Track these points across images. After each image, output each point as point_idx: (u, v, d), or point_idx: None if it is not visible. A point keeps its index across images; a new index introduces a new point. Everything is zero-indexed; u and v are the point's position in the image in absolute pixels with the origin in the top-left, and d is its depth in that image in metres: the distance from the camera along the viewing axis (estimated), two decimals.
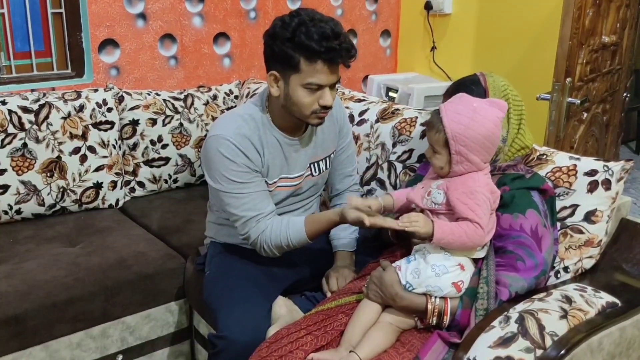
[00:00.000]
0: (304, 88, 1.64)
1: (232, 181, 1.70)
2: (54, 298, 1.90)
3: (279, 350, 1.48)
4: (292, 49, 1.60)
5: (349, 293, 1.65)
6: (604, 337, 1.38)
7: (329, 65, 1.61)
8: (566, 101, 2.22)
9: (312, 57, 1.59)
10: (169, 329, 2.17)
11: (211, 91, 2.82)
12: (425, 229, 1.45)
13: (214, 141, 1.71)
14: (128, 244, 2.20)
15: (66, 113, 2.38)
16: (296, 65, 1.61)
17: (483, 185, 1.47)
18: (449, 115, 1.47)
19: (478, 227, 1.43)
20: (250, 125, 1.74)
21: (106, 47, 2.69)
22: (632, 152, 5.26)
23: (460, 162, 1.47)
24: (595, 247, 1.63)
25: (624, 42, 2.81)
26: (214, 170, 1.72)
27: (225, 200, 1.73)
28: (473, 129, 1.45)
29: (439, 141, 1.49)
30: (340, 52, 1.60)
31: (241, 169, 1.70)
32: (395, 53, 3.73)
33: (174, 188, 2.71)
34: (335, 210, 1.70)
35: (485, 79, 1.63)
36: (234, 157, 1.69)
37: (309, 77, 1.62)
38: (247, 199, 1.71)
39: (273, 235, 1.71)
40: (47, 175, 2.34)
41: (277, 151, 1.78)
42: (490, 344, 1.32)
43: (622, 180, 1.64)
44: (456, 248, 1.47)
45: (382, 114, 2.20)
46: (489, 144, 1.47)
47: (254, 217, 1.72)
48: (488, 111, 1.47)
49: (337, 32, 1.60)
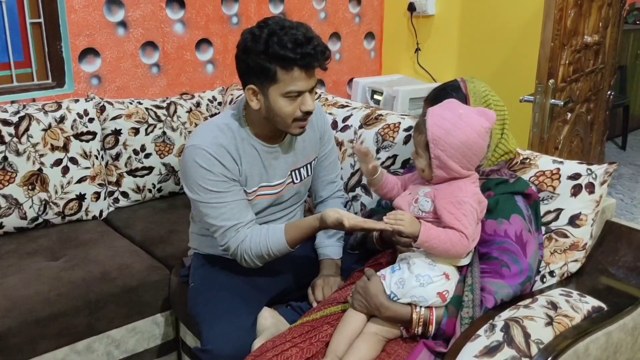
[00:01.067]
0: (285, 97, 1.63)
1: (209, 191, 1.68)
2: (36, 314, 1.88)
3: None
4: (267, 61, 1.59)
5: (334, 303, 1.63)
6: (590, 343, 1.38)
7: (306, 70, 1.61)
8: (549, 103, 2.22)
9: (288, 65, 1.58)
10: (156, 342, 2.15)
11: (194, 98, 2.80)
12: (410, 229, 1.43)
13: (191, 151, 1.69)
14: (112, 256, 2.18)
15: (47, 124, 2.35)
16: (273, 76, 1.60)
17: (470, 195, 1.46)
18: (434, 118, 1.46)
19: (463, 237, 1.42)
20: (227, 134, 1.72)
21: (87, 56, 2.66)
22: (618, 148, 5.29)
23: (439, 167, 1.46)
24: (580, 251, 1.63)
25: (606, 40, 2.81)
26: (191, 180, 1.70)
27: (204, 210, 1.72)
28: (453, 135, 1.44)
29: (421, 143, 1.49)
30: (316, 56, 1.60)
31: (218, 178, 1.68)
32: (380, 55, 3.72)
33: (158, 197, 2.69)
34: (315, 215, 1.68)
35: (466, 84, 1.62)
36: (210, 166, 1.67)
37: (288, 85, 1.61)
38: (225, 208, 1.70)
39: (253, 244, 1.69)
40: (29, 188, 2.31)
41: (255, 160, 1.76)
42: (476, 353, 1.31)
43: (606, 183, 1.63)
44: (438, 254, 1.45)
45: (365, 120, 2.19)
46: (470, 152, 1.46)
47: (233, 226, 1.70)
48: (473, 120, 1.45)
49: (310, 37, 1.59)
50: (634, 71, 5.49)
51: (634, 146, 5.42)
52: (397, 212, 1.47)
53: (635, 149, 5.37)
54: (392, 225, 1.44)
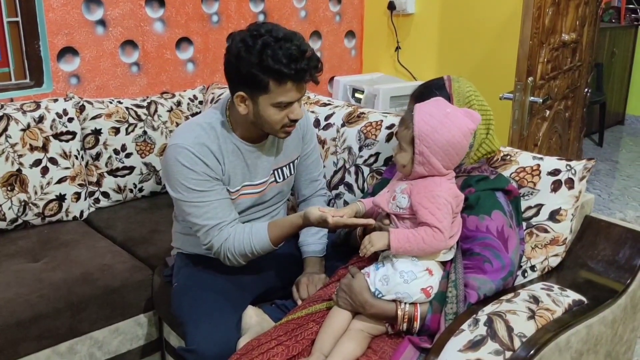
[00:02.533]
0: (274, 107, 1.64)
1: (192, 190, 1.68)
2: (17, 316, 1.85)
3: None
4: (261, 72, 1.58)
5: (319, 301, 1.64)
6: (571, 336, 1.40)
7: (298, 83, 1.62)
8: (528, 100, 2.25)
9: (281, 79, 1.59)
10: (139, 342, 2.14)
11: (175, 97, 2.78)
12: (380, 244, 1.46)
13: (173, 150, 1.69)
14: (93, 257, 2.16)
15: (25, 124, 2.32)
16: (265, 87, 1.60)
17: (445, 190, 1.48)
18: (421, 115, 1.48)
19: (437, 231, 1.44)
20: (209, 134, 1.72)
21: (65, 55, 2.63)
22: (595, 144, 5.37)
23: (422, 163, 1.48)
24: (560, 245, 1.65)
25: (583, 39, 2.86)
26: (173, 179, 1.70)
27: (187, 209, 1.71)
28: (439, 133, 1.45)
29: (406, 138, 1.50)
30: (310, 72, 1.61)
31: (201, 177, 1.68)
32: (360, 54, 3.73)
33: (139, 197, 2.67)
34: (298, 213, 1.69)
35: (451, 84, 1.64)
36: (193, 165, 1.67)
37: (279, 97, 1.62)
38: (208, 207, 1.69)
39: (236, 243, 1.69)
40: (8, 189, 2.28)
41: (238, 159, 1.76)
42: (460, 347, 1.32)
43: (585, 179, 1.66)
44: (417, 254, 1.47)
45: (347, 118, 2.19)
46: (453, 152, 1.48)
47: (216, 225, 1.70)
48: (460, 120, 1.47)
49: (303, 50, 1.59)
50: (610, 69, 5.58)
51: (611, 143, 5.51)
52: (364, 240, 1.48)
53: (612, 145, 5.46)
54: (366, 254, 1.47)
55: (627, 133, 5.90)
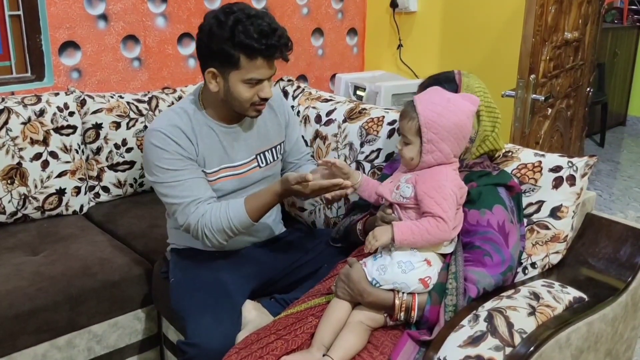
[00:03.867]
0: (244, 83, 1.67)
1: (166, 170, 1.71)
2: (16, 309, 1.85)
3: (249, 357, 1.46)
4: (232, 48, 1.62)
5: (319, 295, 1.64)
6: (572, 333, 1.39)
7: (268, 60, 1.65)
8: (530, 98, 2.24)
9: (252, 54, 1.62)
10: (138, 337, 2.13)
11: (176, 92, 2.77)
12: (384, 238, 1.46)
13: (148, 135, 1.75)
14: (93, 251, 2.16)
15: (26, 118, 2.31)
16: (236, 62, 1.64)
17: (451, 180, 1.48)
18: (423, 103, 1.49)
19: (441, 221, 1.44)
20: (182, 117, 1.77)
21: (67, 49, 2.63)
22: (597, 145, 5.37)
23: (430, 151, 1.48)
24: (561, 243, 1.64)
25: (586, 37, 2.85)
26: (149, 162, 1.74)
27: (163, 191, 1.74)
28: (446, 117, 1.46)
29: (412, 129, 1.49)
30: (280, 48, 1.64)
31: (173, 156, 1.71)
32: (362, 51, 3.73)
33: (139, 192, 2.66)
34: (277, 180, 1.70)
35: (461, 77, 1.63)
36: (165, 145, 1.71)
37: (250, 73, 1.65)
38: (182, 186, 1.71)
39: (213, 218, 1.69)
40: (8, 182, 2.28)
41: (213, 141, 1.79)
42: (460, 343, 1.32)
43: (586, 175, 1.65)
44: (422, 246, 1.47)
45: (349, 114, 2.19)
46: (461, 135, 1.49)
47: (192, 202, 1.71)
48: (461, 103, 1.49)
49: (274, 27, 1.63)
50: (612, 69, 5.57)
51: (612, 143, 5.50)
52: (367, 237, 1.48)
53: (614, 145, 5.45)
54: (371, 250, 1.47)
55: (628, 134, 5.89)
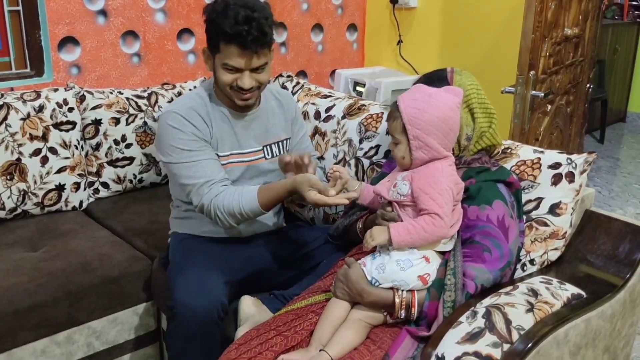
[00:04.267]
0: (223, 68, 1.72)
1: (181, 150, 1.74)
2: (15, 305, 1.85)
3: (248, 352, 1.47)
4: (214, 31, 1.69)
5: (319, 292, 1.64)
6: (570, 329, 1.39)
7: (242, 49, 1.67)
8: (530, 94, 2.24)
9: (226, 39, 1.67)
10: (137, 332, 2.14)
11: (176, 88, 2.77)
12: (381, 238, 1.46)
13: (163, 116, 1.80)
14: (92, 246, 2.16)
15: (25, 114, 2.31)
16: (217, 45, 1.71)
17: (447, 175, 1.48)
18: (406, 102, 1.50)
19: (437, 218, 1.44)
20: (197, 101, 1.83)
21: (66, 45, 2.62)
22: (597, 141, 5.36)
23: (419, 147, 1.48)
24: (560, 239, 1.65)
25: (586, 33, 2.84)
26: (164, 144, 1.77)
27: (177, 172, 1.76)
28: (429, 112, 1.47)
29: (397, 128, 1.51)
30: (246, 38, 1.65)
31: (189, 137, 1.75)
32: (362, 47, 3.72)
33: (139, 188, 2.66)
34: (289, 177, 1.71)
35: (453, 75, 1.63)
36: (181, 126, 1.75)
37: (226, 58, 1.71)
38: (197, 167, 1.75)
39: (226, 201, 1.71)
40: (7, 178, 2.28)
41: (225, 125, 1.83)
42: (458, 339, 1.32)
43: (586, 172, 1.65)
44: (420, 245, 1.47)
45: (348, 110, 2.19)
46: (447, 127, 1.48)
47: (206, 182, 1.74)
48: (443, 97, 1.50)
49: (250, 18, 1.65)
50: (612, 65, 5.56)
51: (612, 140, 5.50)
52: (365, 236, 1.49)
53: (613, 142, 5.45)
54: (366, 248, 1.48)
55: (628, 130, 5.89)
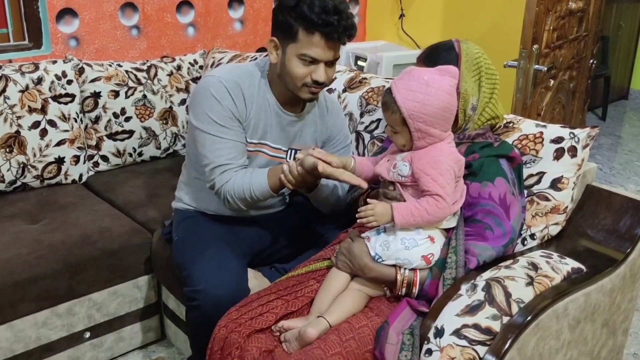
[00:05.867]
0: (299, 59, 1.65)
1: (213, 122, 1.70)
2: (16, 277, 1.86)
3: (249, 313, 1.49)
4: (294, 18, 1.62)
5: (320, 259, 1.65)
6: (569, 303, 1.40)
7: (326, 39, 1.63)
8: (533, 68, 2.22)
9: (310, 28, 1.61)
10: (137, 305, 2.15)
11: (175, 61, 2.75)
12: (383, 219, 1.44)
13: (208, 80, 1.74)
14: (92, 219, 2.16)
15: (24, 86, 2.29)
16: (295, 34, 1.63)
17: (447, 154, 1.46)
18: (402, 93, 1.43)
19: (440, 199, 1.42)
20: (246, 79, 1.76)
21: (64, 16, 2.59)
22: (598, 119, 5.34)
23: (421, 137, 1.45)
24: (561, 214, 1.64)
25: (590, 8, 2.81)
26: (198, 107, 1.73)
27: (201, 140, 1.73)
28: (429, 104, 1.41)
29: (397, 121, 1.46)
30: (337, 28, 1.61)
31: (225, 112, 1.71)
32: (364, 21, 3.68)
33: (139, 162, 2.65)
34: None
35: (460, 45, 1.61)
36: (221, 98, 1.71)
37: (305, 48, 1.63)
38: (221, 144, 1.71)
39: (236, 186, 1.70)
40: (6, 150, 2.27)
41: (265, 113, 1.78)
42: (458, 312, 1.32)
43: (588, 147, 1.64)
44: (422, 225, 1.46)
45: (349, 84, 2.17)
46: (448, 114, 1.45)
47: (222, 165, 1.71)
48: (440, 81, 1.43)
49: (339, 9, 1.62)
50: (615, 42, 5.51)
51: (614, 117, 5.47)
52: (366, 207, 1.45)
53: (615, 119, 5.42)
54: (365, 223, 1.45)
55: (630, 108, 5.85)
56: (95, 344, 2.08)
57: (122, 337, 2.14)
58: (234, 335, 1.45)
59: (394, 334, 1.38)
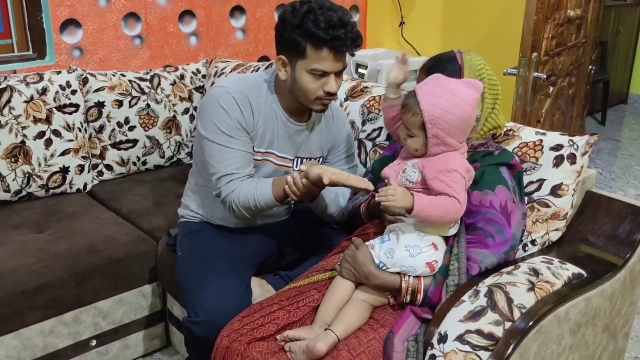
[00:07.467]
0: (309, 74, 1.67)
1: (220, 131, 1.72)
2: (23, 285, 1.88)
3: (251, 324, 1.50)
4: (300, 36, 1.63)
5: (322, 270, 1.66)
6: (570, 308, 1.42)
7: (334, 53, 1.64)
8: (532, 76, 2.24)
9: (318, 44, 1.62)
10: (143, 313, 2.16)
11: (178, 71, 2.77)
12: (402, 203, 1.43)
13: (216, 90, 1.76)
14: (97, 228, 2.18)
15: (29, 96, 2.32)
16: (302, 51, 1.64)
17: (459, 165, 1.47)
18: (426, 98, 1.45)
19: (456, 201, 1.44)
20: (254, 90, 1.78)
21: (68, 27, 2.62)
22: (598, 123, 5.36)
23: (436, 144, 1.47)
24: (561, 220, 1.66)
25: (588, 15, 2.83)
26: (206, 117, 1.75)
27: (209, 149, 1.74)
28: (451, 113, 1.44)
29: (415, 124, 1.48)
30: (345, 41, 1.63)
31: (233, 123, 1.72)
32: (364, 29, 3.71)
33: (143, 170, 2.68)
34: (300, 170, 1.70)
35: (462, 56, 1.62)
36: (229, 109, 1.72)
37: (314, 63, 1.65)
38: (228, 154, 1.72)
39: (241, 195, 1.71)
40: (12, 160, 2.29)
41: (272, 123, 1.79)
42: (461, 318, 1.34)
43: (587, 154, 1.67)
44: (433, 222, 1.46)
45: (351, 92, 2.19)
46: (466, 126, 1.48)
47: (229, 175, 1.72)
48: (465, 93, 1.46)
49: (344, 22, 1.63)
50: (614, 47, 5.54)
51: (613, 121, 5.49)
52: (388, 187, 1.46)
53: (615, 124, 5.44)
54: (383, 203, 1.44)
55: (630, 112, 5.88)
56: (102, 352, 2.10)
57: (128, 344, 2.16)
58: (235, 344, 1.47)
59: (399, 343, 1.39)
